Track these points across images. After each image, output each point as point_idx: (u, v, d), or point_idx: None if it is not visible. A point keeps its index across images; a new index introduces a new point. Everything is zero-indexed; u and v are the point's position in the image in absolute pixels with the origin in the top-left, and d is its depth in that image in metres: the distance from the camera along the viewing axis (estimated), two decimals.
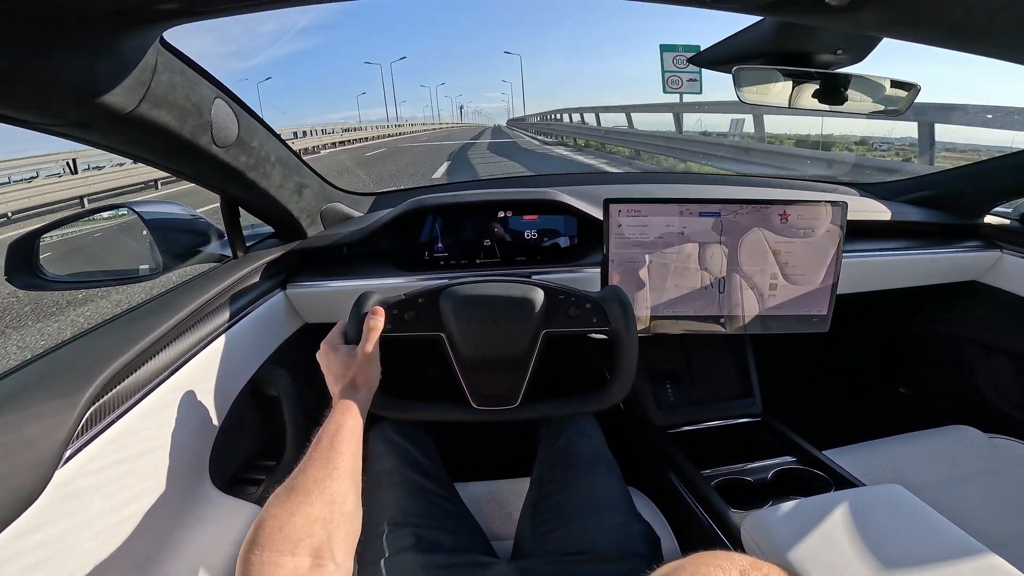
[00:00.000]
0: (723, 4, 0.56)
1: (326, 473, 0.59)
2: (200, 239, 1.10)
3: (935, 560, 0.67)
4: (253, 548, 0.49)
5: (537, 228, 1.23)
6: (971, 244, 1.32)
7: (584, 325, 0.81)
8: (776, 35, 0.84)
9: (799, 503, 0.81)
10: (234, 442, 0.96)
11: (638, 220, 1.03)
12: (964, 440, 1.15)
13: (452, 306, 0.80)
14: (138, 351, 0.74)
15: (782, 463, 1.08)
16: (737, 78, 0.91)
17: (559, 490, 0.87)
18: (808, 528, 0.75)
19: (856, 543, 0.71)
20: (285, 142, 1.06)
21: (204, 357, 0.87)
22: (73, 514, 0.62)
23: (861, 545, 0.71)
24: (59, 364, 0.70)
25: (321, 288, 1.15)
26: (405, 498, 0.84)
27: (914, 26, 0.58)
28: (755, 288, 1.06)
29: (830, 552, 0.70)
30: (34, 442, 0.58)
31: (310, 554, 0.50)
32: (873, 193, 1.48)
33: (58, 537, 0.60)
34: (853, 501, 0.79)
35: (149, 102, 0.67)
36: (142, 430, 0.74)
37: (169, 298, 0.88)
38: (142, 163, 0.86)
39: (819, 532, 0.74)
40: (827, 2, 0.52)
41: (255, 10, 0.55)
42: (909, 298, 1.34)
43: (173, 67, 0.70)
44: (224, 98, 0.84)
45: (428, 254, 1.23)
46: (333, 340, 0.79)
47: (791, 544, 0.72)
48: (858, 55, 0.89)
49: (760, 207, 1.02)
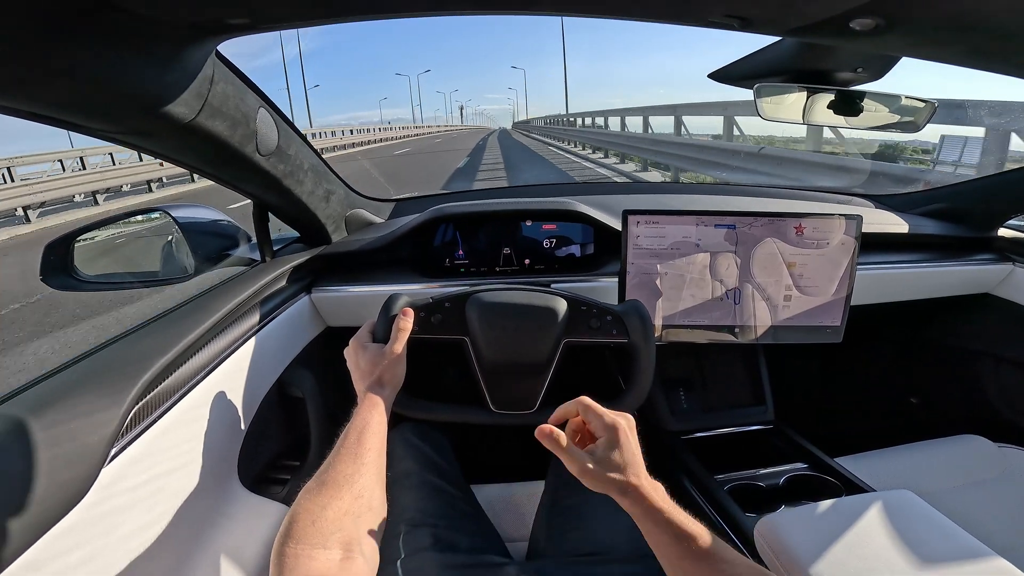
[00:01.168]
0: (751, 28, 0.59)
1: (354, 468, 0.60)
2: (229, 243, 1.13)
3: (944, 563, 0.69)
4: (287, 541, 0.50)
5: (555, 236, 1.26)
6: (984, 257, 1.33)
7: (604, 336, 0.84)
8: (797, 54, 0.86)
9: (811, 507, 0.83)
10: (261, 442, 0.99)
11: (655, 230, 1.05)
12: (974, 449, 1.16)
13: (478, 312, 0.83)
14: (177, 352, 0.76)
15: (794, 469, 1.09)
16: (758, 94, 0.94)
17: (575, 492, 0.88)
18: (820, 532, 0.76)
19: (867, 546, 0.73)
20: (315, 149, 1.09)
21: (236, 358, 0.90)
22: (114, 513, 0.64)
23: (872, 548, 0.73)
24: (103, 364, 0.72)
25: (344, 293, 1.18)
26: (423, 499, 0.85)
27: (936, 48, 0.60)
28: (769, 299, 1.07)
29: (842, 555, 0.72)
30: (82, 440, 0.61)
31: (341, 547, 0.52)
32: (888, 205, 1.49)
33: (100, 535, 0.62)
34: (864, 506, 0.80)
35: (207, 112, 0.70)
36: (178, 429, 0.76)
37: (204, 300, 0.91)
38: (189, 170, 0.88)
39: (831, 536, 0.75)
40: (852, 27, 0.54)
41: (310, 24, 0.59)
42: (922, 310, 1.35)
43: (227, 78, 0.73)
44: (266, 107, 0.87)
45: (448, 261, 1.26)
46: (362, 338, 0.81)
47: (803, 547, 0.74)
48: (877, 73, 0.91)
49: (776, 219, 1.04)
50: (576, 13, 0.59)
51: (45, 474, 0.56)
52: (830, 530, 0.76)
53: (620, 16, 0.58)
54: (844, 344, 1.08)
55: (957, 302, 1.35)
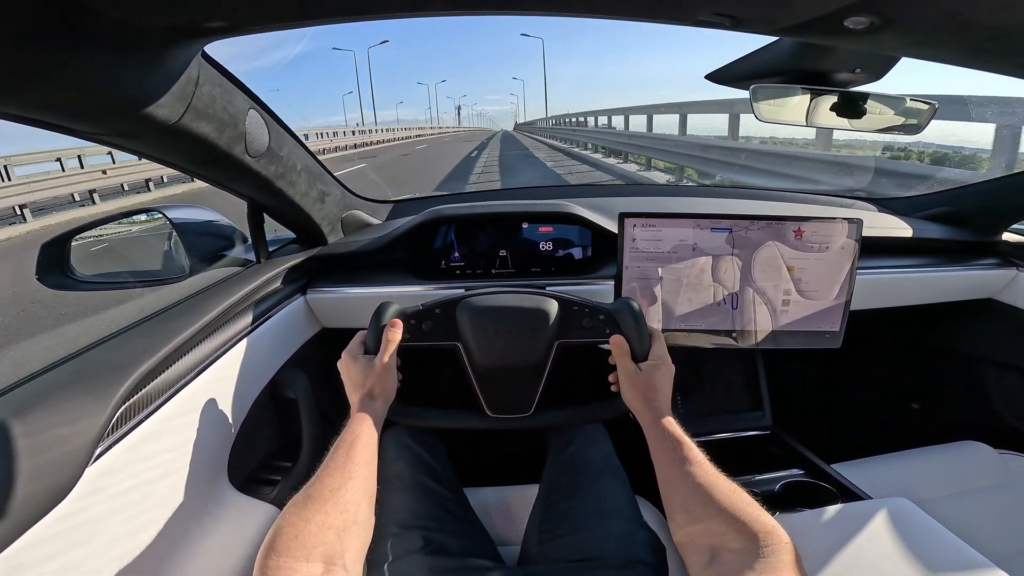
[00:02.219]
0: (743, 27, 0.58)
1: (341, 483, 0.61)
2: (225, 243, 1.13)
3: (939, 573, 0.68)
4: (271, 553, 0.52)
5: (552, 239, 1.25)
6: (988, 262, 1.31)
7: (597, 336, 0.83)
8: (795, 54, 0.86)
9: (805, 514, 0.82)
10: (252, 443, 0.99)
11: (652, 234, 1.04)
12: (974, 455, 1.15)
13: (468, 316, 0.82)
14: (167, 352, 0.76)
15: (790, 475, 1.08)
16: (755, 95, 0.93)
17: (567, 497, 0.88)
18: (813, 540, 0.75)
19: (861, 555, 0.72)
20: (310, 150, 1.09)
21: (227, 359, 0.89)
22: (99, 512, 0.64)
23: (866, 558, 0.72)
24: (91, 364, 0.72)
25: (339, 294, 1.18)
26: (414, 501, 0.85)
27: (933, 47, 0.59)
28: (768, 303, 1.06)
29: (835, 564, 0.71)
30: (67, 439, 0.61)
31: (323, 560, 0.54)
32: (890, 208, 1.48)
33: (84, 534, 0.62)
34: (859, 513, 0.79)
35: (192, 114, 0.70)
36: (167, 430, 0.76)
37: (196, 301, 0.91)
38: (178, 171, 0.89)
39: (824, 544, 0.74)
40: (846, 25, 0.53)
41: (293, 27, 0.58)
42: (923, 315, 1.34)
43: (213, 79, 0.73)
44: (256, 108, 0.86)
45: (444, 263, 1.25)
46: (353, 350, 0.81)
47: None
48: (876, 74, 0.90)
49: (775, 223, 1.03)
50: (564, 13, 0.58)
51: (26, 473, 0.55)
52: (824, 538, 0.75)
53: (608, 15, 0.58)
54: (844, 349, 1.07)
55: (959, 307, 1.33)
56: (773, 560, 0.52)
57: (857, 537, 0.74)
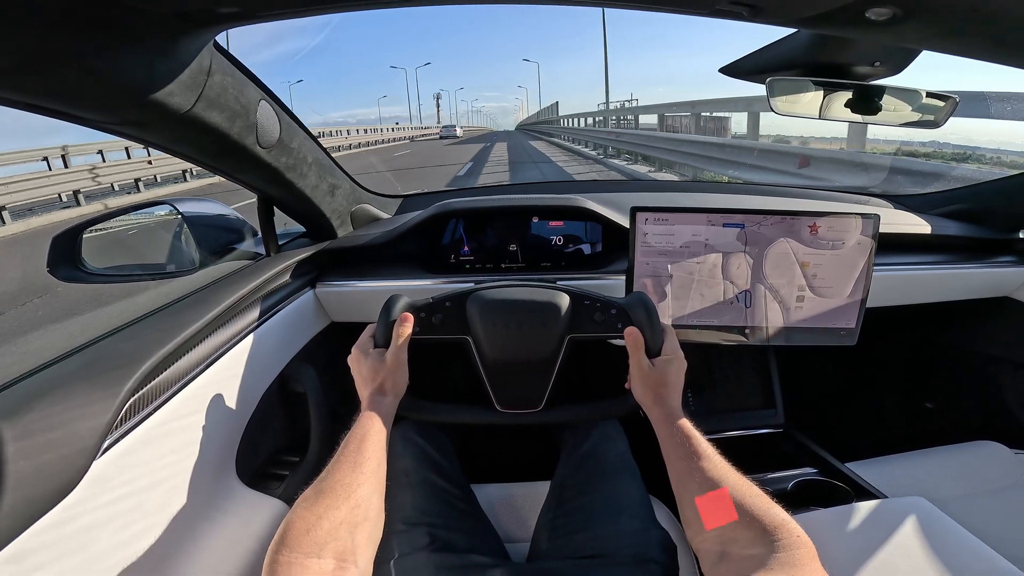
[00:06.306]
0: (760, 17, 0.56)
1: (352, 478, 0.61)
2: (235, 237, 1.14)
3: (956, 573, 0.67)
4: (281, 549, 0.51)
5: (562, 234, 1.24)
6: (1005, 259, 1.29)
7: (609, 330, 0.82)
8: (812, 47, 0.84)
9: (819, 513, 0.81)
10: (260, 437, 0.98)
11: (664, 228, 1.03)
12: (990, 455, 1.13)
13: (479, 310, 0.81)
14: (176, 345, 0.76)
15: (803, 474, 1.07)
16: (771, 89, 0.91)
17: (582, 493, 0.88)
18: (829, 538, 0.74)
19: (877, 554, 0.71)
20: (320, 143, 1.08)
21: (236, 353, 0.89)
22: (106, 504, 0.64)
23: (882, 556, 0.71)
24: (100, 356, 0.72)
25: (349, 288, 1.17)
26: (421, 497, 0.85)
27: (956, 39, 0.57)
28: (781, 300, 1.05)
29: (850, 563, 0.70)
30: (74, 432, 0.60)
31: (334, 557, 0.53)
32: (907, 205, 1.46)
33: (91, 526, 0.62)
34: (875, 512, 0.78)
35: (203, 103, 0.70)
36: (175, 423, 0.76)
37: (205, 294, 0.90)
38: (189, 162, 0.89)
39: (840, 542, 0.73)
40: (868, 16, 0.52)
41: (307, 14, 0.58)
42: (939, 312, 1.32)
43: (225, 69, 0.73)
44: (268, 100, 0.86)
45: (454, 257, 1.25)
46: (363, 345, 0.80)
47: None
48: (897, 67, 0.88)
49: (789, 218, 1.02)
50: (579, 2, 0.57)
51: (34, 463, 0.55)
52: (839, 537, 0.74)
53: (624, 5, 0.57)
54: (858, 347, 1.05)
55: (975, 305, 1.31)
56: (785, 555, 0.51)
57: (873, 536, 0.73)
